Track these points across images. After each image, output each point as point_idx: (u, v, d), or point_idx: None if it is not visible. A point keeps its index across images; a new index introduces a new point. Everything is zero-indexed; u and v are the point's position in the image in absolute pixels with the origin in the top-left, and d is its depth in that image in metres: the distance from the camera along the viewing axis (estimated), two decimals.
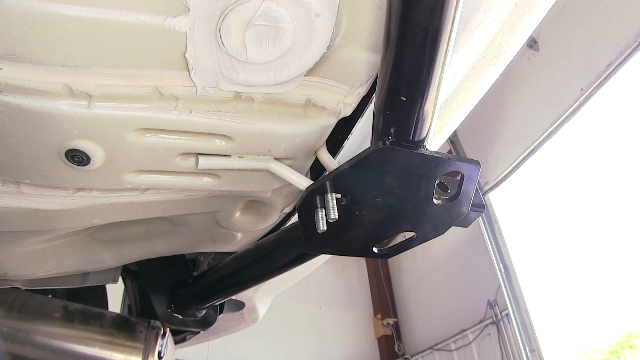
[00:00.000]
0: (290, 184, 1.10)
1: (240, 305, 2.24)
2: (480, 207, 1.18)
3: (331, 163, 1.10)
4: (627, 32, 4.94)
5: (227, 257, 1.66)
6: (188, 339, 2.24)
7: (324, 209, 1.03)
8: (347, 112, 1.03)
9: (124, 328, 1.77)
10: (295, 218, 1.51)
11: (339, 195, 1.01)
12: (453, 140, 7.42)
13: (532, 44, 6.01)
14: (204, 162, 1.01)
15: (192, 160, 1.02)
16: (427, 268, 8.89)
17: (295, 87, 0.93)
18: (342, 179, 0.98)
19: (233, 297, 2.09)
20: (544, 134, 5.98)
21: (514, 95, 6.43)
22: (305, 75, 0.92)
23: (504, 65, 1.14)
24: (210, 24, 0.77)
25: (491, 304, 7.03)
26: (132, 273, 2.09)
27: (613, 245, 5.30)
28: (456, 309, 7.77)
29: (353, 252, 1.11)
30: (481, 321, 7.23)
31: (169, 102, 0.89)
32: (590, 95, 5.38)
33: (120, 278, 1.95)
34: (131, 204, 1.18)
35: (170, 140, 0.95)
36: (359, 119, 1.05)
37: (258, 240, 1.61)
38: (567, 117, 5.68)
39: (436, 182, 1.00)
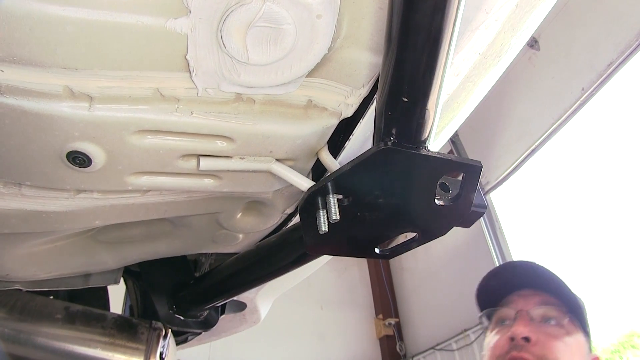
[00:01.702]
0: (292, 185, 1.10)
1: (241, 306, 2.24)
2: (482, 207, 1.18)
3: (333, 164, 1.10)
4: (628, 31, 4.93)
5: (229, 258, 1.66)
6: (190, 340, 2.24)
7: (325, 210, 1.03)
8: (349, 113, 1.03)
9: (125, 329, 1.77)
10: (296, 219, 1.51)
11: (340, 196, 1.01)
12: (454, 140, 7.42)
13: (533, 43, 6.01)
14: (206, 164, 1.01)
15: (193, 161, 1.01)
16: (428, 268, 8.88)
17: (297, 88, 0.93)
18: (343, 180, 0.98)
19: (235, 298, 2.08)
20: (545, 133, 5.97)
21: (515, 95, 6.42)
22: (306, 77, 0.91)
23: (505, 65, 1.14)
24: (211, 25, 0.76)
25: None
26: (133, 274, 2.09)
27: (615, 244, 5.29)
28: (458, 309, 7.76)
29: (355, 252, 1.11)
30: None
31: (170, 103, 0.88)
32: (592, 94, 5.37)
33: (121, 279, 1.96)
34: (132, 205, 1.18)
35: (172, 141, 0.95)
36: (361, 120, 1.05)
37: (259, 242, 1.61)
38: (568, 116, 5.68)
39: (438, 183, 1.00)
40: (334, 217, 1.00)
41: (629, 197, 5.25)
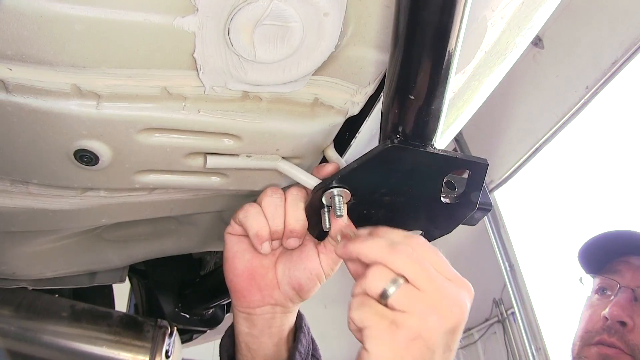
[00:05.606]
0: (298, 183, 1.11)
1: None
2: (487, 205, 1.19)
3: (339, 162, 1.11)
4: (633, 29, 4.91)
5: None
6: (195, 338, 2.24)
7: (331, 208, 1.03)
8: (355, 110, 1.03)
9: (131, 327, 1.77)
10: None
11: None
12: (458, 138, 7.38)
13: (537, 41, 5.99)
14: (212, 162, 1.01)
15: (200, 159, 1.02)
16: None
17: (303, 86, 0.93)
18: (349, 178, 0.99)
19: None
20: (549, 132, 5.95)
21: (519, 93, 6.40)
22: (313, 74, 0.91)
23: (510, 63, 1.13)
24: (218, 23, 0.77)
25: (497, 303, 7.02)
26: (138, 272, 2.10)
27: None
28: None
29: None
30: (486, 320, 7.21)
31: (177, 101, 0.89)
32: (596, 93, 5.36)
33: (127, 277, 1.96)
34: (139, 203, 1.18)
35: (179, 139, 0.95)
36: (367, 118, 1.05)
37: None
38: (573, 115, 5.66)
39: (444, 181, 1.00)
40: (339, 214, 1.01)
41: (634, 196, 5.23)
